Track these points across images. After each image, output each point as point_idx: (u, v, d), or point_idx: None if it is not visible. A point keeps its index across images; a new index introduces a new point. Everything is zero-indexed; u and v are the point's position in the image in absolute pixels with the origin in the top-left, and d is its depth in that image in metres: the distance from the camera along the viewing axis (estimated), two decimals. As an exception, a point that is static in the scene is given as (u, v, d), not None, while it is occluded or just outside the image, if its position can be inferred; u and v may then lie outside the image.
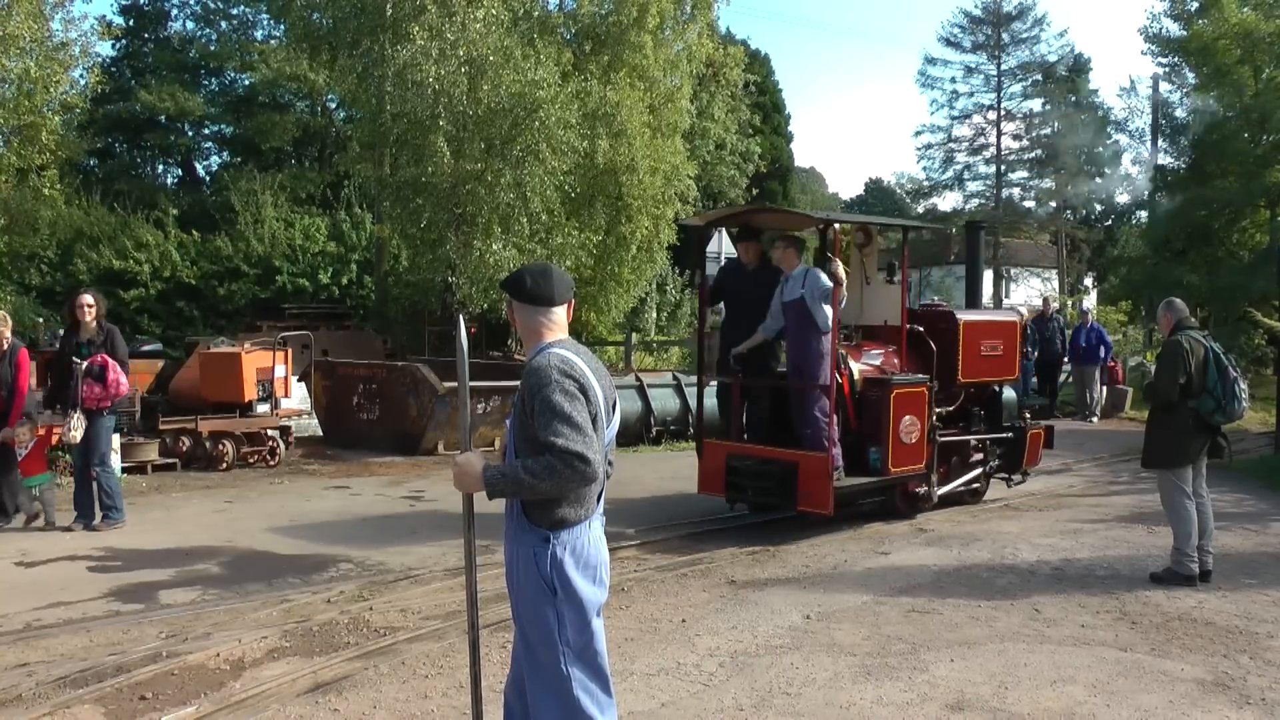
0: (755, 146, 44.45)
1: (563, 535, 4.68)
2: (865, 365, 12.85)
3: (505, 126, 21.93)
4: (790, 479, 11.87)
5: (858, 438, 12.50)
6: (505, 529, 4.89)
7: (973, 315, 13.94)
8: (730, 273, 13.79)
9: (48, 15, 21.94)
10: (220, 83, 44.66)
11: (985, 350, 13.58)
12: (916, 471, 12.77)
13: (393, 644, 8.22)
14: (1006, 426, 14.17)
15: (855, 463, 12.39)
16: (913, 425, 12.41)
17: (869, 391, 12.51)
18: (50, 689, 7.21)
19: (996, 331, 13.84)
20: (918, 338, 13.30)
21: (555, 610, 4.68)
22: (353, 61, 24.79)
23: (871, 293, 13.82)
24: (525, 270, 4.96)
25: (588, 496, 4.75)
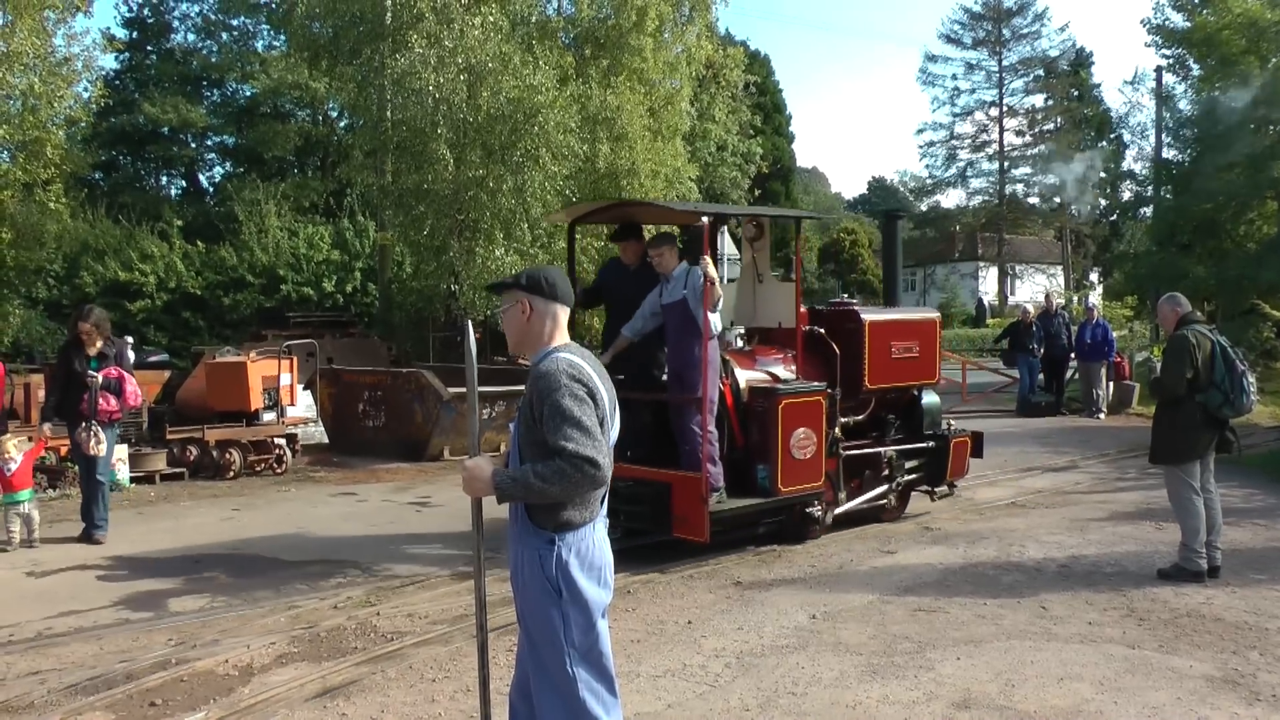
0: (756, 147, 44.47)
1: (568, 537, 4.69)
2: (758, 373, 11.80)
3: (505, 132, 21.95)
4: (663, 502, 10.71)
5: (745, 454, 11.40)
6: (510, 532, 4.90)
7: (880, 314, 12.86)
8: (611, 273, 12.46)
9: (50, 31, 22.01)
10: (222, 94, 44.71)
11: (897, 352, 12.55)
12: (813, 490, 11.51)
13: (400, 649, 8.24)
14: (927, 435, 13.17)
15: (743, 482, 11.26)
16: (806, 439, 11.20)
17: (755, 402, 11.37)
18: (62, 696, 7.26)
19: (910, 332, 12.81)
20: (819, 341, 12.22)
21: (560, 612, 4.68)
22: (353, 70, 24.83)
23: (766, 292, 12.80)
24: (540, 271, 4.98)
25: (592, 499, 4.77)
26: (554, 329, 4.89)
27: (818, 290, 69.46)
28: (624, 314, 11.55)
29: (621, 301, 11.79)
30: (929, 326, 13.17)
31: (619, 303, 11.91)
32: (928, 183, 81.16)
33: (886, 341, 12.43)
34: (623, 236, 12.03)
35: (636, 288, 11.50)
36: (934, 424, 13.24)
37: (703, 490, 10.36)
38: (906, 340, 12.68)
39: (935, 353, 13.12)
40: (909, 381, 12.92)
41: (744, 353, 12.17)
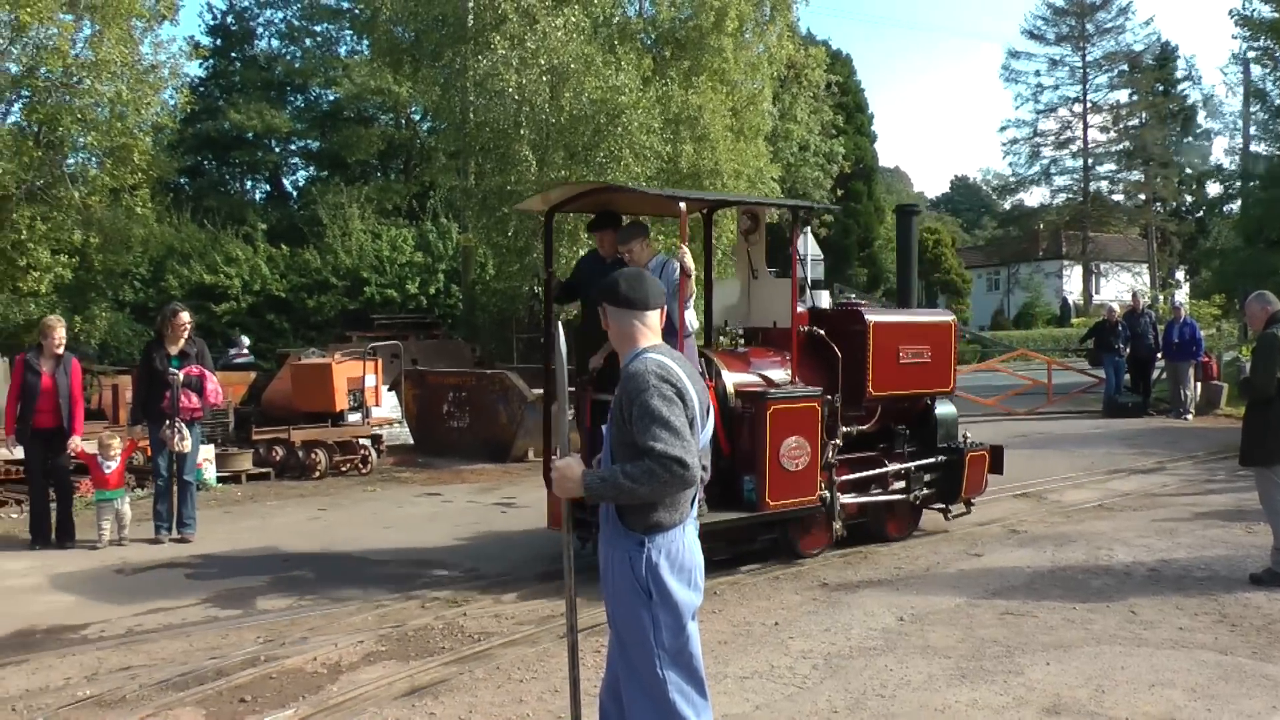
0: (839, 147, 44.19)
1: (658, 539, 4.68)
2: (748, 376, 10.88)
3: (588, 133, 21.96)
4: None
5: (730, 463, 10.50)
6: (600, 533, 4.90)
7: (887, 316, 11.92)
8: (586, 267, 11.51)
9: (138, 40, 22.41)
10: (306, 99, 45.14)
11: (906, 357, 11.55)
12: (805, 505, 10.64)
13: (487, 649, 8.25)
14: (941, 449, 12.14)
15: (728, 495, 10.40)
16: (799, 449, 10.37)
17: (742, 407, 10.55)
18: (153, 691, 7.35)
19: (920, 335, 11.83)
20: (819, 343, 11.28)
21: (650, 614, 4.68)
22: (435, 73, 24.97)
23: (762, 289, 11.86)
24: (619, 275, 4.99)
25: (682, 500, 4.75)
26: (641, 332, 4.90)
27: (899, 291, 68.97)
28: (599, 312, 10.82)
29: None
30: (943, 330, 12.16)
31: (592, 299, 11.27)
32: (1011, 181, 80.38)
33: (894, 345, 11.47)
34: (598, 226, 11.14)
35: None
36: (949, 437, 12.25)
37: None
38: (917, 344, 11.73)
39: (950, 359, 12.13)
40: (920, 389, 11.94)
41: (736, 354, 11.37)
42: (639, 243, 10.13)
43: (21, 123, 22.19)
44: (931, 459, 12.00)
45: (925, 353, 11.75)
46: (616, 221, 10.96)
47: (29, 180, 20.93)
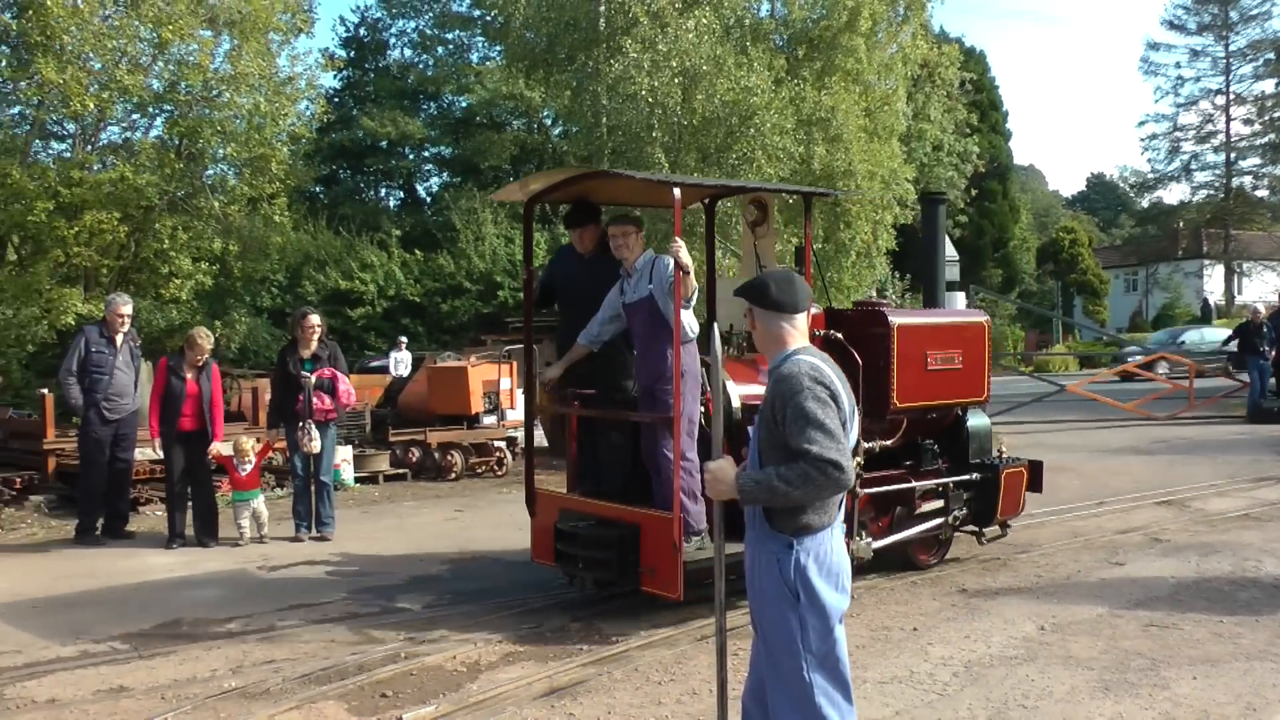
0: (973, 146, 43.61)
1: (806, 541, 4.64)
2: (757, 386, 9.35)
3: (720, 135, 21.94)
4: (631, 547, 8.76)
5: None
6: (746, 535, 4.86)
7: (913, 318, 10.87)
8: (562, 264, 10.48)
9: (275, 53, 22.89)
10: (438, 106, 45.72)
11: (935, 363, 10.35)
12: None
13: (625, 650, 8.23)
14: (974, 465, 10.95)
15: (735, 521, 9.32)
16: None
17: (749, 423, 9.43)
18: (296, 685, 7.44)
19: (951, 338, 10.63)
20: (836, 348, 9.82)
21: (798, 617, 4.63)
22: (567, 77, 25.14)
23: None
24: (769, 277, 4.92)
25: (830, 503, 4.69)
26: (789, 333, 4.84)
27: (1035, 293, 68.01)
28: (580, 314, 9.65)
29: (576, 300, 9.89)
30: (975, 333, 10.93)
31: (573, 301, 10.01)
32: (1149, 177, 78.62)
33: (921, 350, 10.26)
34: (577, 221, 10.00)
35: (593, 282, 9.57)
36: (982, 451, 11.07)
37: (675, 534, 8.38)
38: (947, 349, 10.52)
39: (984, 365, 10.87)
40: (950, 399, 10.70)
41: (742, 361, 10.18)
42: (631, 232, 9.11)
43: (164, 136, 22.72)
44: (963, 477, 10.78)
45: (956, 358, 10.52)
46: (596, 215, 10.03)
47: (171, 191, 21.39)
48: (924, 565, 10.80)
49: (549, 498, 9.89)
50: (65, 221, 20.00)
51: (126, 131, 23.84)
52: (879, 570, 10.38)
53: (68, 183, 20.06)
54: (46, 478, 14.73)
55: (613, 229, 9.15)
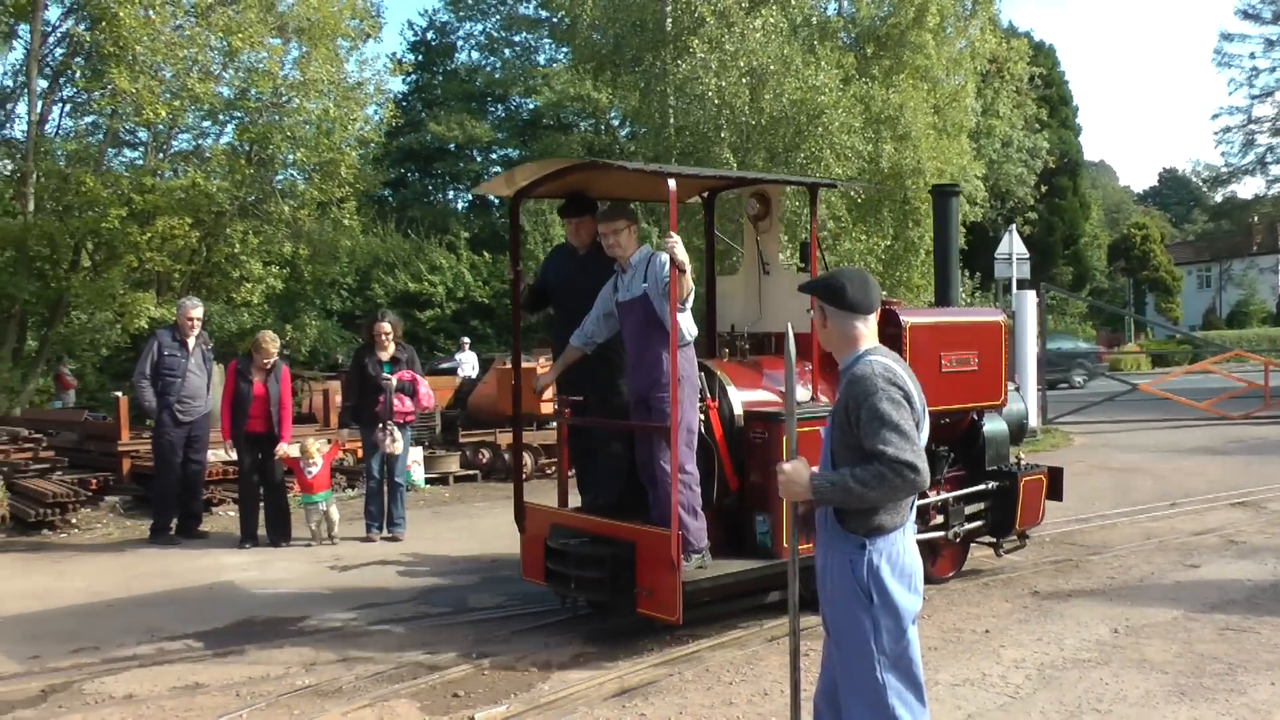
0: (1043, 141, 43.25)
1: (879, 542, 4.59)
2: (761, 393, 9.09)
3: (788, 134, 21.90)
4: (625, 566, 8.11)
5: (739, 501, 8.78)
6: (818, 536, 4.82)
7: (926, 316, 10.08)
8: (557, 263, 9.74)
9: (343, 58, 23.13)
10: (506, 108, 45.90)
11: (949, 365, 9.73)
12: None
13: (695, 651, 8.20)
14: (990, 473, 10.32)
15: (736, 539, 8.81)
16: None
17: (753, 432, 8.72)
18: (368, 683, 7.47)
19: (966, 339, 10.01)
20: None
21: (871, 618, 4.58)
22: (635, 78, 25.14)
23: (775, 286, 9.96)
24: (843, 275, 4.86)
25: (903, 503, 4.65)
26: (862, 333, 4.79)
27: (1106, 290, 67.28)
28: (576, 317, 8.93)
29: (571, 299, 9.17)
30: (992, 332, 10.30)
31: (568, 300, 9.26)
32: (1223, 171, 77.24)
33: (935, 351, 9.66)
34: (572, 212, 9.29)
35: (591, 280, 8.84)
36: (999, 458, 10.44)
37: (672, 552, 7.69)
38: (962, 350, 9.93)
39: (1000, 366, 10.27)
40: (966, 404, 10.11)
41: (744, 365, 9.53)
42: (624, 227, 8.39)
43: (234, 142, 22.98)
44: (980, 485, 10.17)
45: (971, 359, 9.93)
46: (593, 207, 9.23)
47: (241, 196, 21.65)
48: (941, 578, 10.03)
49: (539, 512, 9.21)
50: (138, 228, 20.30)
51: (198, 138, 24.28)
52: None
53: (140, 190, 20.36)
54: (121, 479, 14.90)
55: (601, 225, 8.44)
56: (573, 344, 8.74)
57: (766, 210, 9.95)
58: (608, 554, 8.13)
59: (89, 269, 22.38)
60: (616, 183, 9.47)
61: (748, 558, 8.53)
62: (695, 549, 8.11)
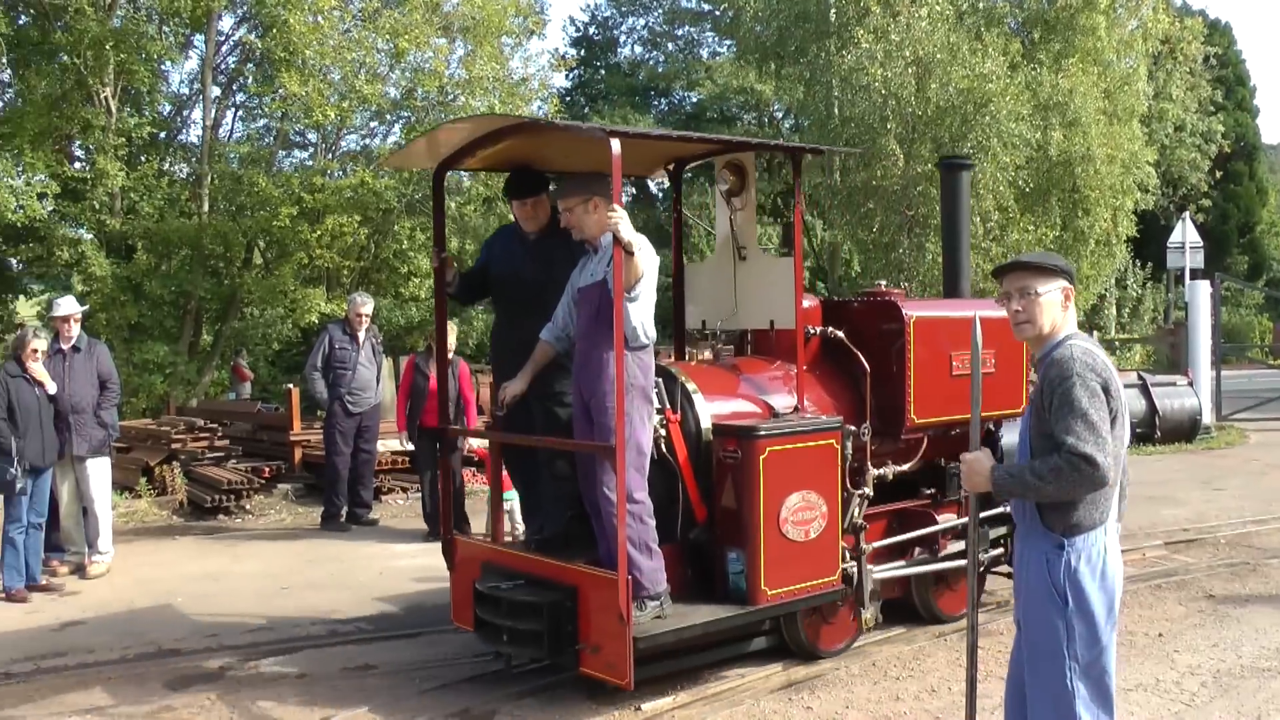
0: (1217, 125, 41.91)
1: (1077, 541, 4.48)
2: (734, 402, 7.75)
3: (955, 124, 21.59)
4: (566, 617, 6.78)
5: (708, 533, 7.41)
6: (1017, 531, 4.78)
7: (934, 309, 8.62)
8: (501, 246, 8.22)
9: (508, 56, 23.36)
10: (669, 102, 45.89)
11: (961, 367, 8.35)
12: (821, 590, 7.42)
13: (863, 645, 8.16)
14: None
15: (706, 579, 7.41)
16: (808, 508, 7.25)
17: (723, 450, 7.29)
18: (533, 673, 7.55)
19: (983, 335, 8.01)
20: (837, 350, 8.21)
21: (1065, 621, 4.48)
22: (799, 70, 25.04)
23: (753, 274, 8.36)
24: (1049, 255, 4.79)
25: (1104, 500, 4.51)
26: (1070, 316, 4.71)
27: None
28: (522, 311, 7.72)
29: (516, 291, 7.91)
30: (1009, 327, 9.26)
31: (513, 293, 7.96)
32: None
33: (944, 351, 8.34)
34: (518, 191, 7.91)
35: (543, 269, 7.67)
36: None
37: (620, 601, 6.37)
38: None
39: (1021, 368, 8.93)
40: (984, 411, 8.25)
41: (716, 369, 8.28)
42: (585, 201, 7.05)
43: (401, 141, 23.33)
44: (1000, 507, 8.75)
45: (988, 360, 8.37)
46: (543, 186, 8.02)
47: (408, 194, 21.97)
48: (955, 616, 8.72)
49: (470, 547, 7.96)
50: (308, 226, 20.76)
51: (365, 138, 24.68)
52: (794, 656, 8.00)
53: (310, 189, 20.79)
54: (293, 467, 15.26)
55: (562, 202, 7.22)
56: (544, 339, 7.41)
57: (742, 184, 8.44)
58: (544, 601, 6.77)
59: (261, 266, 23.01)
60: (567, 152, 7.90)
61: (719, 602, 7.19)
62: (650, 594, 6.79)
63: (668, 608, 6.86)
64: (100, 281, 19.97)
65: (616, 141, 6.41)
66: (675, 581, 7.10)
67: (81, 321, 11.16)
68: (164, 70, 22.70)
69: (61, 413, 10.45)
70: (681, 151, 8.60)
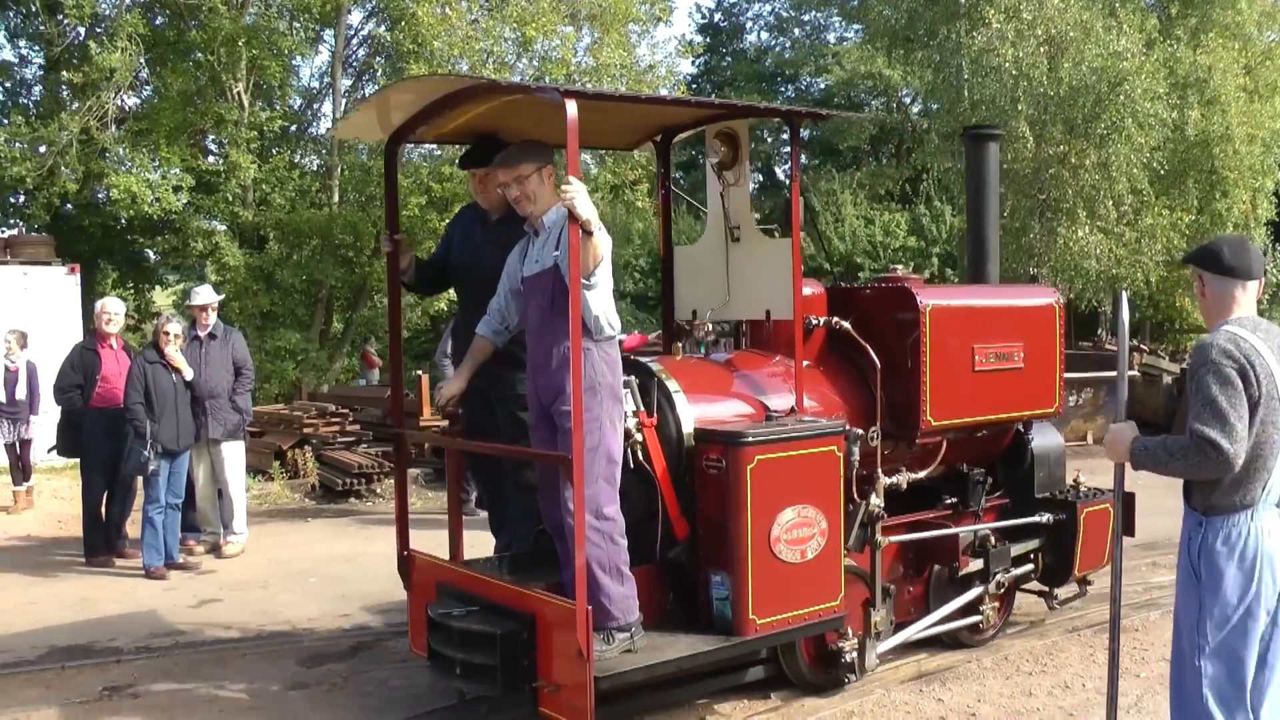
0: (1365, 100, 40.68)
1: (1215, 521, 4.49)
2: (721, 405, 6.86)
3: (1088, 104, 21.24)
4: (523, 650, 5.89)
5: (689, 552, 6.50)
6: None
7: (953, 297, 7.81)
8: (462, 231, 7.58)
9: (634, 43, 23.41)
10: (796, 88, 45.69)
11: (985, 362, 7.49)
12: (819, 619, 6.51)
13: (993, 638, 8.10)
14: (1041, 501, 8.07)
15: (689, 604, 6.53)
16: (804, 524, 6.32)
17: (705, 459, 6.37)
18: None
19: (1007, 326, 7.74)
20: (844, 342, 7.37)
21: (1198, 599, 4.50)
22: (928, 53, 24.75)
23: (746, 257, 7.39)
24: (1220, 240, 4.77)
25: (1247, 482, 4.45)
26: (1238, 300, 4.65)
27: None
28: (484, 300, 6.75)
29: (478, 279, 7.05)
30: (1042, 319, 8.02)
31: (475, 281, 7.16)
32: None
33: (966, 343, 7.46)
34: (473, 161, 7.17)
35: (503, 255, 6.65)
36: (1053, 483, 8.23)
37: (579, 635, 5.53)
38: (1002, 341, 7.66)
39: (1055, 363, 7.98)
40: (1007, 412, 7.85)
41: (702, 365, 7.42)
42: (535, 172, 6.19)
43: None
44: (1029, 518, 8.03)
45: (1015, 354, 7.70)
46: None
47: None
48: (972, 641, 8.01)
49: (426, 565, 7.01)
50: (436, 215, 20.95)
51: (495, 128, 24.85)
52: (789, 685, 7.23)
53: (438, 178, 21.03)
54: (423, 453, 15.37)
55: (502, 172, 6.30)
56: (480, 334, 6.64)
57: (735, 155, 7.44)
58: (498, 632, 5.87)
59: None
60: (538, 120, 6.74)
61: (702, 631, 6.30)
62: (619, 625, 5.93)
63: (639, 640, 6.00)
64: (234, 271, 20.42)
65: (572, 103, 5.54)
66: (654, 607, 6.37)
67: (217, 310, 11.38)
68: (295, 65, 23.16)
69: (198, 398, 10.67)
70: (667, 119, 7.66)
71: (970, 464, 7.82)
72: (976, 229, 8.93)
